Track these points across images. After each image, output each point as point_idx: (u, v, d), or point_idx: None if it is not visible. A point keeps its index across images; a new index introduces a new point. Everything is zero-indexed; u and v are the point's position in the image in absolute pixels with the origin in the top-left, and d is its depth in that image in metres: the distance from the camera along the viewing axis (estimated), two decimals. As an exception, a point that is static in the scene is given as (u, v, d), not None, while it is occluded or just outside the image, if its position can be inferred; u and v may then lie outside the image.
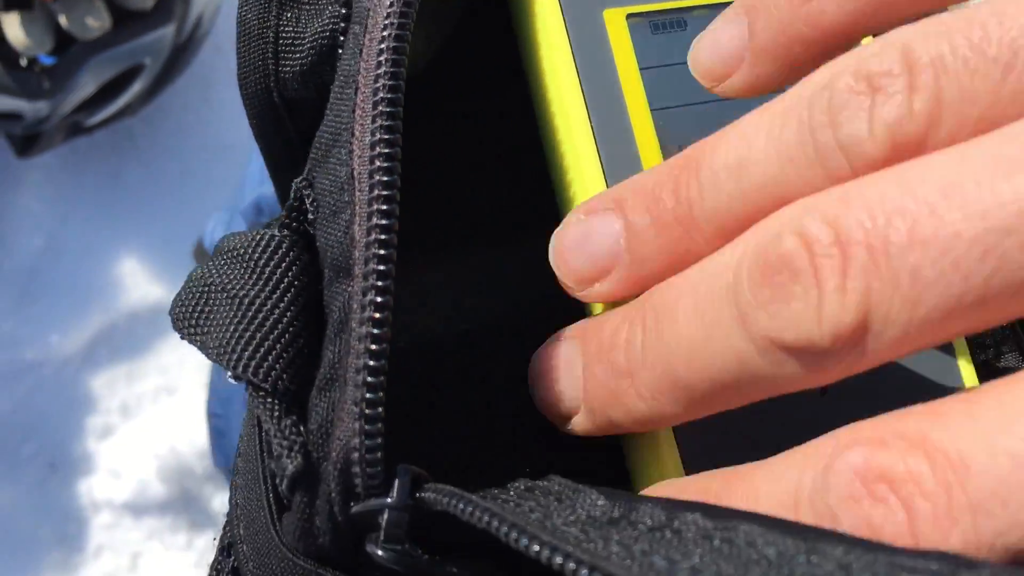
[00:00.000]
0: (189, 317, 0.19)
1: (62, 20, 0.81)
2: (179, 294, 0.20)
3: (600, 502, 0.15)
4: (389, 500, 0.15)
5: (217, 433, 0.53)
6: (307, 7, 0.21)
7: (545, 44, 0.21)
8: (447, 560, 0.16)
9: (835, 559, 0.12)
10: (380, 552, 0.15)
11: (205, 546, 0.98)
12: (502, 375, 0.22)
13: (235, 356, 0.18)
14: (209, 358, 0.19)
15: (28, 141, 0.93)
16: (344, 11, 0.20)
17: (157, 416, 1.01)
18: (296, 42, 0.21)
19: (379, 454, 0.16)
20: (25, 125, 0.89)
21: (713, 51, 0.17)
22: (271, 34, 0.21)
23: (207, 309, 0.19)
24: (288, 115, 0.22)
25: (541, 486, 0.17)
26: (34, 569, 0.96)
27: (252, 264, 0.19)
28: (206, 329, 0.19)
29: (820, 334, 0.14)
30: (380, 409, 0.16)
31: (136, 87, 0.91)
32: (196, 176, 1.08)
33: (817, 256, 0.13)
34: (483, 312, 0.23)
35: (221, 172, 1.07)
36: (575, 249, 0.18)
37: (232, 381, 0.21)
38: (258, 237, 0.19)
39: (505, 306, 0.23)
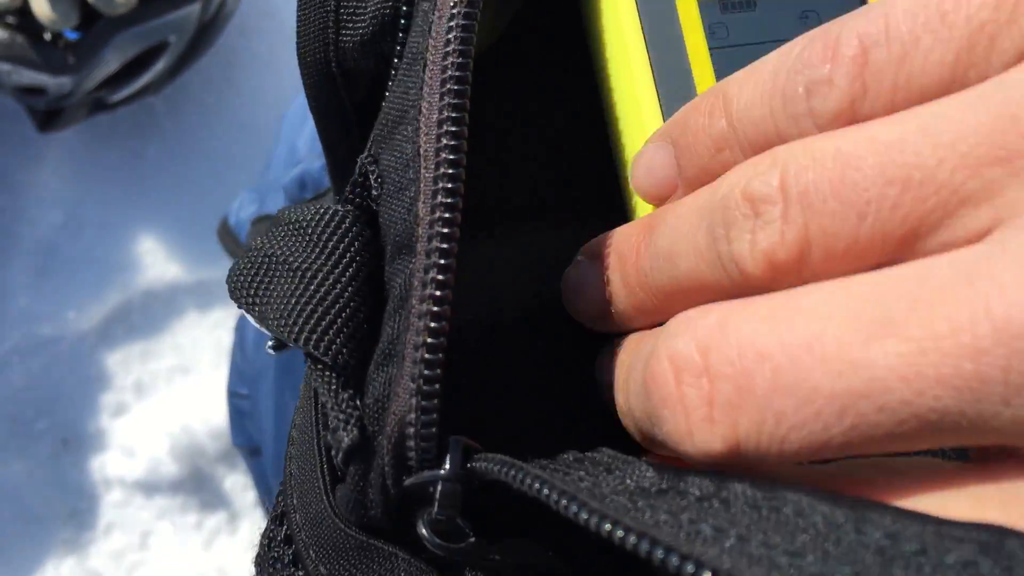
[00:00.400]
0: (248, 287, 0.19)
1: (89, -5, 0.80)
2: (237, 264, 0.20)
3: (649, 473, 0.15)
4: (442, 472, 0.16)
5: (237, 412, 0.53)
6: None
7: (614, 24, 0.21)
8: (493, 546, 0.16)
9: (883, 528, 0.12)
10: (425, 532, 0.16)
11: (215, 526, 0.98)
12: (559, 354, 0.22)
13: (296, 328, 0.18)
14: (268, 329, 0.19)
15: (50, 116, 0.93)
16: None
17: (171, 395, 1.01)
18: (358, 12, 0.21)
19: (434, 429, 0.16)
20: (48, 100, 0.89)
21: (648, 176, 0.19)
22: (332, 2, 0.21)
23: (267, 280, 0.19)
24: (344, 85, 0.22)
25: (590, 457, 0.17)
26: (44, 545, 0.96)
27: (315, 238, 0.19)
28: (265, 300, 0.19)
29: (693, 453, 0.15)
30: (436, 386, 0.16)
31: (160, 65, 0.91)
32: (217, 156, 1.08)
33: (683, 384, 0.15)
34: (543, 291, 0.23)
35: (242, 152, 1.07)
36: None
37: (271, 353, 0.21)
38: (322, 211, 0.19)
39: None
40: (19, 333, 1.00)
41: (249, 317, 0.20)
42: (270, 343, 0.21)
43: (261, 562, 0.20)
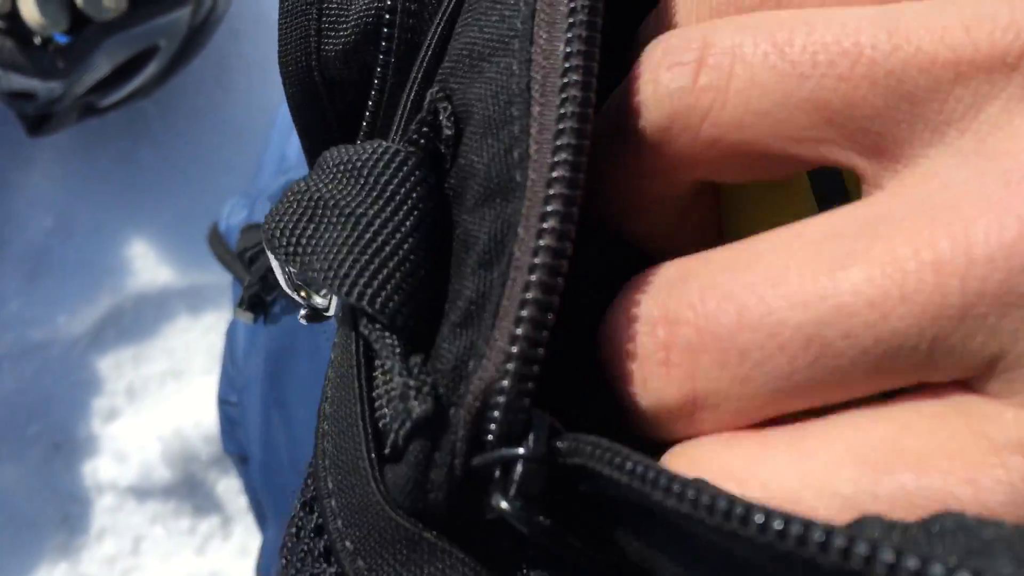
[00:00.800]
0: (291, 234, 0.17)
1: (78, 0, 0.80)
2: (276, 208, 0.18)
3: None
4: (522, 451, 0.14)
5: (227, 420, 0.53)
6: None
7: None
8: (572, 531, 0.14)
9: None
10: (505, 504, 0.14)
11: (208, 531, 0.98)
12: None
13: (349, 280, 0.16)
14: (313, 283, 0.17)
15: (40, 120, 0.93)
16: None
17: (163, 400, 1.01)
18: (340, 20, 0.20)
19: (527, 400, 0.14)
20: (37, 104, 0.89)
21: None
22: (314, 10, 0.20)
23: (313, 226, 0.17)
24: (327, 96, 0.21)
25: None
26: (36, 550, 0.96)
27: (372, 180, 0.17)
28: (311, 248, 0.17)
29: (645, 406, 0.15)
30: (540, 351, 0.14)
31: (150, 69, 0.91)
32: (208, 160, 1.07)
33: (639, 335, 0.14)
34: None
35: (233, 156, 1.07)
36: None
37: (303, 323, 0.18)
38: (380, 150, 0.17)
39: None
40: (10, 338, 1.00)
41: (280, 272, 0.18)
42: (303, 312, 0.19)
43: (290, 554, 0.18)
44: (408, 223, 0.16)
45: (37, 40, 0.83)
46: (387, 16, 0.19)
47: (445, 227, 0.17)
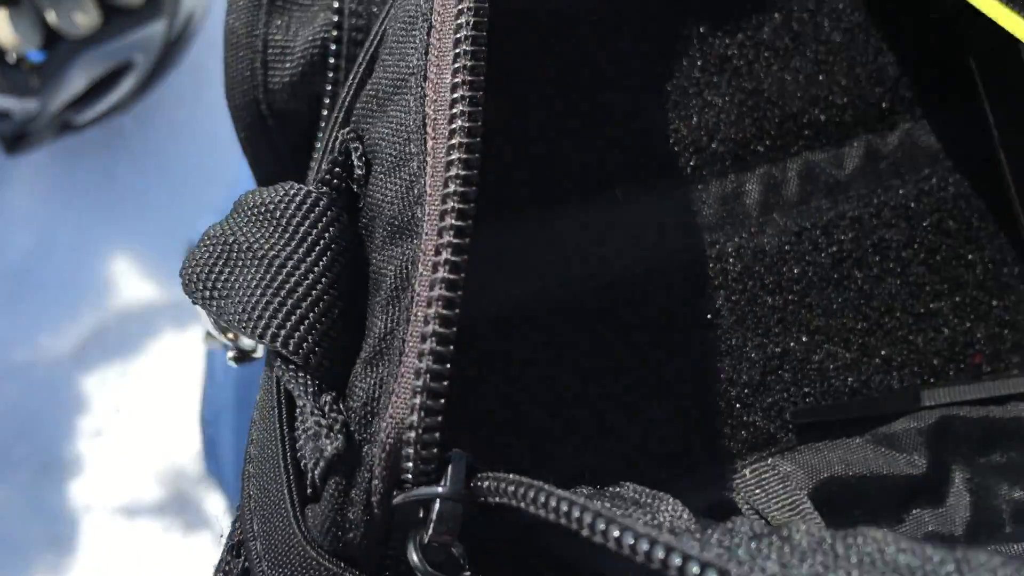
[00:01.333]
0: (207, 278, 0.17)
1: (50, 16, 0.79)
2: (193, 253, 0.18)
3: (684, 514, 0.14)
4: (440, 489, 0.14)
5: (208, 441, 0.52)
6: (298, 13, 0.19)
7: None
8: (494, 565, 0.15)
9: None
10: (416, 559, 0.14)
11: (199, 549, 0.97)
12: (538, 358, 0.20)
13: (262, 323, 0.16)
14: (228, 327, 0.17)
15: (17, 139, 0.92)
16: (336, 19, 0.18)
17: (150, 416, 1.00)
18: (286, 51, 0.20)
19: (438, 435, 0.14)
20: (14, 123, 0.88)
21: None
22: (259, 43, 0.20)
23: (228, 270, 0.17)
24: (278, 128, 0.21)
25: (611, 491, 0.15)
26: (25, 571, 0.95)
27: (285, 222, 0.17)
28: (225, 293, 0.17)
29: None
30: (445, 383, 0.14)
31: (127, 84, 0.90)
32: (189, 174, 1.06)
33: None
34: (517, 292, 0.21)
35: (213, 170, 1.06)
36: None
37: (232, 364, 0.19)
38: (292, 192, 0.17)
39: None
40: (-7, 359, 0.99)
41: (205, 316, 0.18)
42: (231, 354, 0.19)
43: None
44: (321, 263, 0.16)
45: (11, 59, 0.83)
46: (333, 47, 0.19)
47: (360, 265, 0.17)
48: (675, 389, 0.22)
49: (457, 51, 0.15)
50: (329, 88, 0.20)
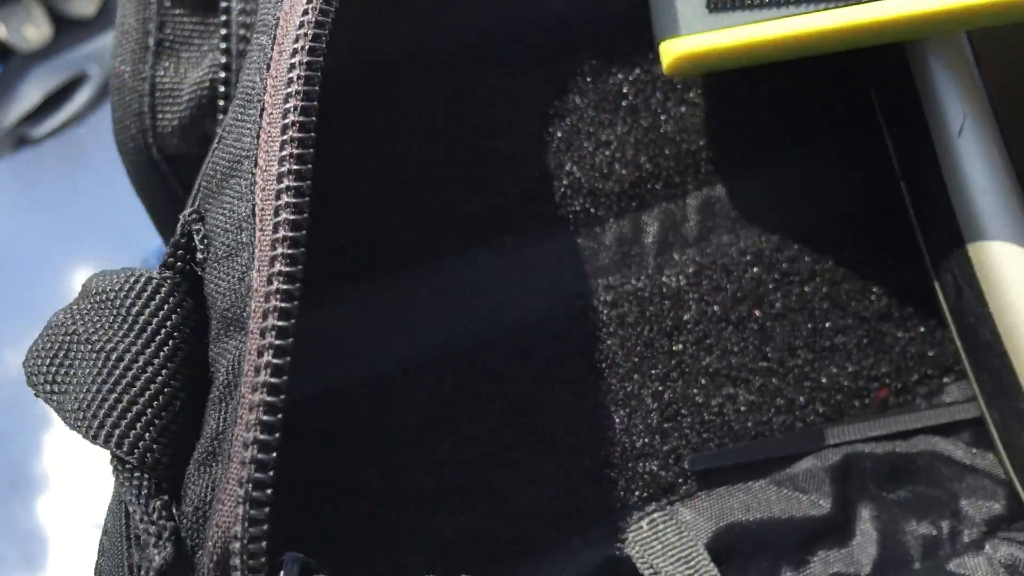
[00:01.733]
0: (46, 372, 0.17)
1: (0, 30, 0.78)
2: (35, 343, 0.18)
3: None
4: None
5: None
6: (186, 55, 0.19)
7: None
8: None
9: None
10: None
11: (172, 563, 0.96)
12: (416, 423, 0.20)
13: (96, 422, 0.15)
14: (66, 423, 0.16)
15: (-27, 154, 0.91)
16: (224, 60, 0.18)
17: (119, 431, 0.99)
18: (174, 94, 0.19)
19: (264, 544, 0.14)
20: (-32, 138, 0.87)
21: None
22: (146, 86, 0.19)
23: (67, 363, 0.17)
24: (171, 171, 0.20)
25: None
26: (-2, 591, 0.94)
27: (123, 311, 0.16)
28: (64, 388, 0.16)
29: None
30: (268, 491, 0.14)
31: (83, 96, 0.89)
32: (151, 184, 1.05)
33: None
34: (395, 354, 0.20)
35: (177, 179, 1.05)
36: None
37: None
38: (132, 278, 0.17)
39: (419, 346, 0.21)
40: (-43, 378, 0.98)
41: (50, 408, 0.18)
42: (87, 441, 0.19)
43: None
44: (161, 355, 0.16)
45: (-39, 74, 0.81)
46: (222, 88, 0.18)
47: (203, 354, 0.17)
48: (566, 443, 0.22)
49: (284, 138, 0.14)
50: (219, 130, 0.19)
